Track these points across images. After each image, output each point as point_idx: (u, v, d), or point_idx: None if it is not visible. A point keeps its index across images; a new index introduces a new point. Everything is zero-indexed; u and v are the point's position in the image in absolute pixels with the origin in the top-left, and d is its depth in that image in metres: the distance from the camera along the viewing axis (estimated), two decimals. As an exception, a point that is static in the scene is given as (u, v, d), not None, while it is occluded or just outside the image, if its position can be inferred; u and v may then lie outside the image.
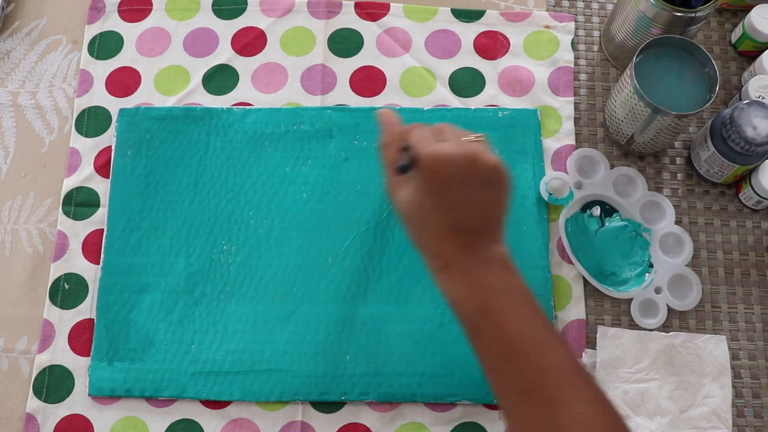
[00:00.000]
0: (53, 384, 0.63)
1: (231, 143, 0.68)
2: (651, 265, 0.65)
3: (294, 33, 0.73)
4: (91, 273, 0.65)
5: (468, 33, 0.73)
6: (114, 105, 0.70)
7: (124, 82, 0.71)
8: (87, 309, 0.65)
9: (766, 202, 0.66)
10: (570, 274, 0.65)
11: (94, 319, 0.64)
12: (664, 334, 0.63)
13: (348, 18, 0.73)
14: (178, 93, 0.71)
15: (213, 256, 0.65)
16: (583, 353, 0.63)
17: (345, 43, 0.72)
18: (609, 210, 0.67)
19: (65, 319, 0.64)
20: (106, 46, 0.72)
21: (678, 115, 0.61)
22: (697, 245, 0.67)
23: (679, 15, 0.61)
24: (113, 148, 0.68)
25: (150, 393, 0.62)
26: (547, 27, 0.73)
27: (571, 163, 0.68)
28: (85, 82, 0.71)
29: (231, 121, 0.69)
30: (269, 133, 0.68)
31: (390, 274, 0.65)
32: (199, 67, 0.71)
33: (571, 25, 0.73)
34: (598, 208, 0.67)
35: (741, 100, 0.67)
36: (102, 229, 0.66)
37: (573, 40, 0.73)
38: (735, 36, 0.72)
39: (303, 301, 0.64)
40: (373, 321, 0.63)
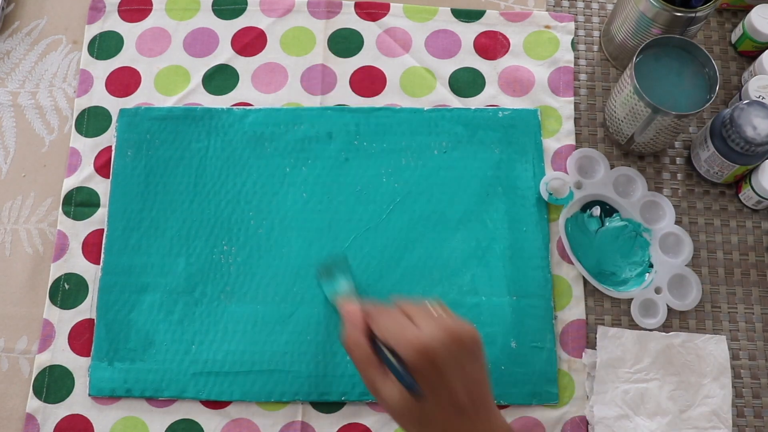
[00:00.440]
0: (53, 384, 0.63)
1: (231, 143, 0.68)
2: (651, 265, 0.65)
3: (294, 33, 0.73)
4: (91, 273, 0.65)
5: (468, 33, 0.73)
6: (114, 105, 0.70)
7: (124, 82, 0.71)
8: (87, 309, 0.64)
9: (766, 202, 0.66)
10: (570, 274, 0.65)
11: (94, 319, 0.64)
12: (664, 334, 0.63)
13: (348, 18, 0.73)
14: (178, 93, 0.71)
15: (213, 256, 0.65)
16: (583, 353, 0.63)
17: (345, 43, 0.72)
18: (609, 210, 0.67)
19: (65, 319, 0.64)
20: (106, 46, 0.72)
21: (678, 115, 0.61)
22: (697, 245, 0.67)
23: (679, 15, 0.61)
24: (113, 148, 0.68)
25: (150, 393, 0.62)
26: (547, 27, 0.73)
27: (571, 163, 0.68)
28: (85, 82, 0.71)
29: (231, 122, 0.69)
30: (269, 134, 0.68)
31: (390, 274, 0.65)
32: (199, 67, 0.71)
33: (571, 25, 0.73)
34: (598, 208, 0.67)
35: (741, 100, 0.67)
36: (102, 229, 0.66)
37: (573, 40, 0.73)
38: (735, 36, 0.72)
39: (303, 302, 0.64)
40: (373, 321, 0.63)
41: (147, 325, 0.63)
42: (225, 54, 0.72)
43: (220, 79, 0.71)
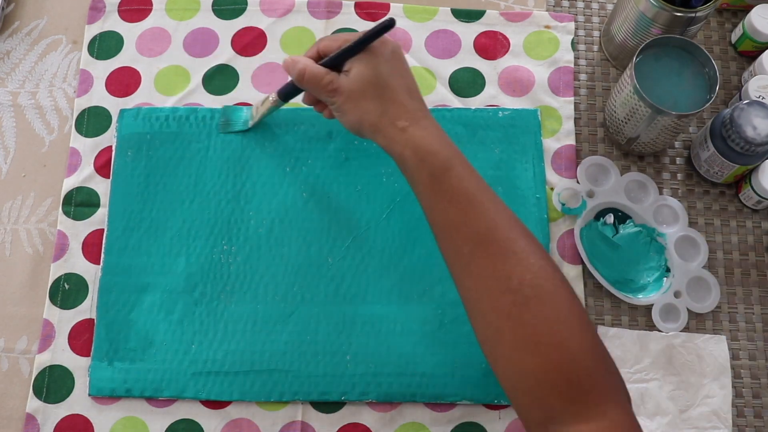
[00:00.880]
0: (53, 384, 0.63)
1: (231, 143, 0.68)
2: (668, 270, 0.65)
3: (294, 33, 0.73)
4: (91, 273, 0.65)
5: (468, 33, 0.73)
6: (114, 105, 0.70)
7: (124, 82, 0.71)
8: (87, 309, 0.65)
9: (766, 202, 0.66)
10: (570, 274, 0.65)
11: (94, 319, 0.64)
12: (663, 334, 0.63)
13: (348, 18, 0.73)
14: (178, 93, 0.71)
15: (213, 256, 0.65)
16: (583, 353, 0.63)
17: (345, 43, 0.72)
18: (622, 216, 0.67)
19: (65, 319, 0.64)
20: (106, 46, 0.72)
21: (678, 115, 0.61)
22: (697, 245, 0.67)
23: (679, 15, 0.61)
24: (113, 148, 0.68)
25: (150, 393, 0.62)
26: (547, 27, 0.73)
27: (581, 172, 0.67)
28: (85, 82, 0.71)
29: (231, 121, 0.69)
30: (269, 134, 0.68)
31: (390, 274, 0.64)
32: (199, 67, 0.71)
33: (571, 25, 0.73)
34: (611, 215, 0.66)
35: (741, 100, 0.67)
36: (102, 229, 0.66)
37: (573, 40, 0.73)
38: (735, 36, 0.72)
39: (303, 301, 0.64)
40: (373, 321, 0.63)
41: (147, 325, 0.63)
42: (225, 54, 0.72)
43: (220, 79, 0.71)
